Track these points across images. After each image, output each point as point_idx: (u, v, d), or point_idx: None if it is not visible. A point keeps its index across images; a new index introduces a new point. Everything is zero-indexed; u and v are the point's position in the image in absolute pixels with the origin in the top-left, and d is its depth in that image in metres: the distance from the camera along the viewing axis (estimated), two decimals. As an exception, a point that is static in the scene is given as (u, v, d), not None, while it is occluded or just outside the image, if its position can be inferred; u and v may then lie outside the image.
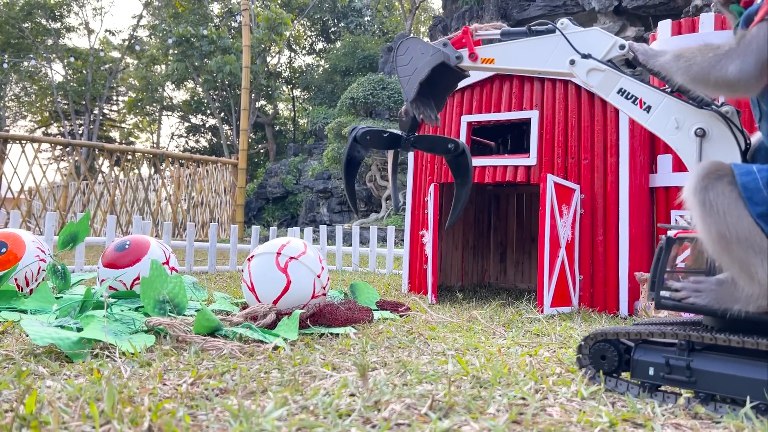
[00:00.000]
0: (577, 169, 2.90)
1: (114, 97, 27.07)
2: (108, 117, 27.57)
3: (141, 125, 28.70)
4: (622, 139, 2.79)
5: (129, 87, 26.78)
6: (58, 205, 9.74)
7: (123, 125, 28.70)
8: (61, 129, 25.08)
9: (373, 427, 0.97)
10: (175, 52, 20.43)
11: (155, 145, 27.52)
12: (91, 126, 23.97)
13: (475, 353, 1.63)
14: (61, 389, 1.13)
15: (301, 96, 24.73)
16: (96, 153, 10.09)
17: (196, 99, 24.86)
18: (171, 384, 1.21)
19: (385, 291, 3.40)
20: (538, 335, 1.99)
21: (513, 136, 3.62)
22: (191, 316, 1.99)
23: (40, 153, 8.98)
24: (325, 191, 14.69)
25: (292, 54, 24.34)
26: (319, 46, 24.60)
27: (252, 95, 19.52)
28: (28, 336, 1.60)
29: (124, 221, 9.84)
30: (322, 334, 1.89)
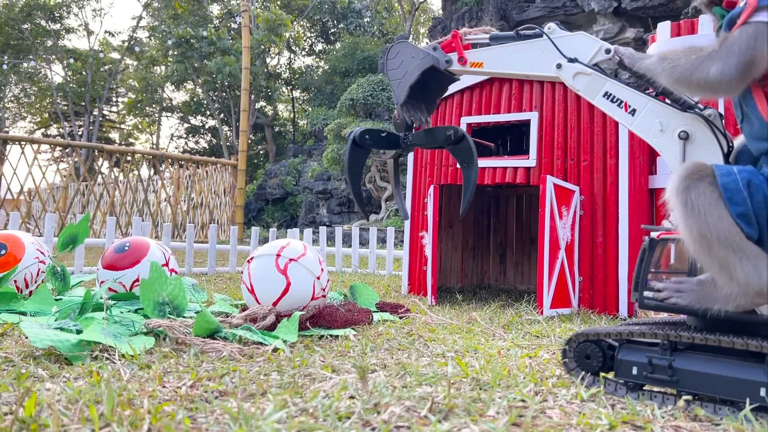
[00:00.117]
0: (577, 171, 2.90)
1: (113, 99, 27.08)
2: (107, 118, 27.58)
3: (140, 126, 28.71)
4: (621, 141, 2.79)
5: (128, 88, 26.79)
6: (57, 207, 9.74)
7: (122, 126, 28.71)
8: (61, 130, 25.09)
9: (373, 430, 0.97)
10: (175, 53, 20.44)
11: (155, 147, 27.52)
12: (91, 127, 23.98)
13: (475, 355, 1.63)
14: (61, 392, 1.13)
15: (301, 97, 24.74)
16: (95, 154, 10.09)
17: (195, 100, 24.87)
18: (170, 386, 1.21)
19: (385, 292, 3.40)
20: (537, 337, 1.99)
21: (513, 137, 3.62)
22: (191, 317, 1.99)
23: (39, 154, 8.97)
24: (325, 192, 14.69)
25: (291, 55, 24.35)
26: (319, 47, 24.61)
27: (251, 96, 19.54)
28: (27, 338, 1.60)
29: (123, 222, 9.84)
30: (321, 335, 1.89)
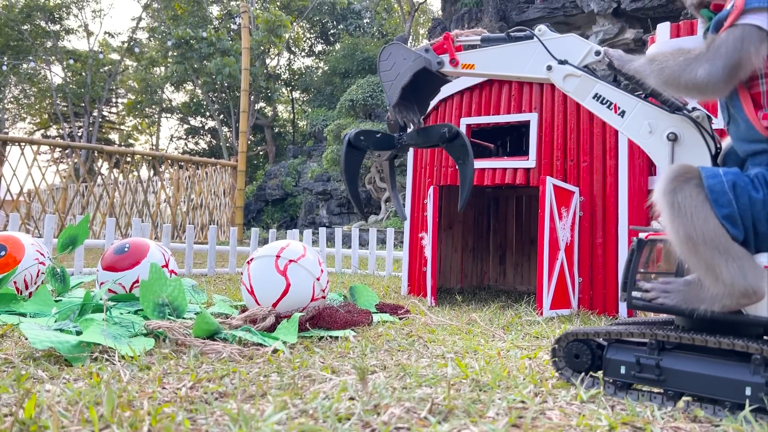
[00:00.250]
0: (577, 172, 2.90)
1: (113, 99, 27.06)
2: (107, 119, 27.57)
3: (140, 127, 28.69)
4: (621, 142, 2.80)
5: (128, 89, 26.77)
6: (57, 208, 9.74)
7: (122, 127, 28.70)
8: (61, 131, 25.08)
9: (373, 431, 0.97)
10: (175, 54, 20.44)
11: (154, 148, 27.51)
12: (90, 128, 23.97)
13: (475, 356, 1.63)
14: (61, 393, 1.13)
15: (301, 98, 24.74)
16: (95, 155, 10.09)
17: (195, 101, 24.86)
18: (170, 388, 1.21)
19: (385, 293, 3.40)
20: (537, 338, 1.99)
21: (512, 138, 3.62)
22: (190, 319, 1.99)
23: (39, 155, 8.97)
24: (325, 193, 14.69)
25: (291, 56, 24.35)
26: (319, 48, 24.61)
27: (251, 97, 19.54)
28: (27, 339, 1.60)
29: (123, 224, 9.83)
30: (321, 337, 1.89)
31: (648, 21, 11.22)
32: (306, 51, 24.66)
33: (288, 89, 24.09)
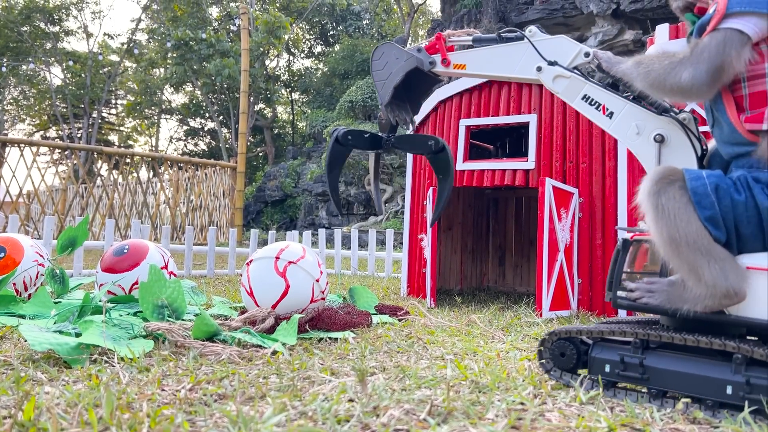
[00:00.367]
0: (576, 173, 2.90)
1: (113, 101, 27.07)
2: (107, 120, 27.57)
3: (140, 128, 28.69)
4: (620, 143, 2.80)
5: (128, 90, 26.77)
6: (56, 209, 9.73)
7: (122, 129, 28.70)
8: (60, 132, 25.07)
9: (372, 433, 0.97)
10: (174, 55, 20.44)
11: (154, 149, 27.52)
12: (90, 129, 23.96)
13: (474, 358, 1.63)
14: (60, 395, 1.13)
15: (300, 99, 24.74)
16: (95, 156, 10.09)
17: (194, 102, 24.86)
18: (169, 390, 1.21)
19: (384, 295, 3.40)
20: (537, 339, 1.99)
21: (511, 139, 3.62)
22: (190, 320, 1.99)
23: (38, 156, 8.97)
24: (324, 194, 14.68)
25: (290, 57, 24.36)
26: (318, 49, 24.62)
27: (251, 98, 19.54)
28: (26, 341, 1.60)
29: (122, 225, 9.83)
30: (320, 338, 1.89)
31: (647, 22, 11.23)
32: (305, 52, 24.67)
33: (287, 90, 24.10)
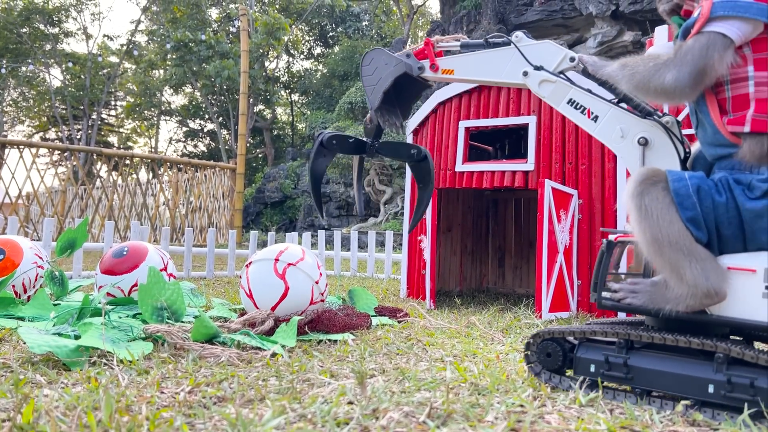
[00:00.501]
0: (575, 175, 2.90)
1: (112, 102, 27.07)
2: (106, 122, 27.57)
3: (139, 130, 28.69)
4: (619, 145, 2.80)
5: (127, 92, 26.77)
6: (56, 211, 9.73)
7: (121, 130, 28.70)
8: (59, 134, 25.08)
9: (371, 436, 0.97)
10: (174, 57, 20.45)
11: (153, 150, 27.51)
12: (89, 131, 23.96)
13: (474, 360, 1.63)
14: (59, 398, 1.13)
15: (300, 100, 24.75)
16: (94, 158, 10.09)
17: (194, 104, 24.87)
18: (169, 392, 1.21)
19: (384, 296, 3.39)
20: (536, 341, 1.99)
21: (511, 141, 3.63)
22: (189, 322, 1.98)
23: (38, 158, 8.96)
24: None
25: (290, 59, 24.37)
26: (317, 50, 24.63)
27: (250, 100, 19.55)
28: (25, 344, 1.60)
29: (122, 227, 9.83)
30: (320, 340, 1.89)
31: (646, 23, 11.24)
32: (305, 54, 24.68)
33: (287, 92, 24.11)
